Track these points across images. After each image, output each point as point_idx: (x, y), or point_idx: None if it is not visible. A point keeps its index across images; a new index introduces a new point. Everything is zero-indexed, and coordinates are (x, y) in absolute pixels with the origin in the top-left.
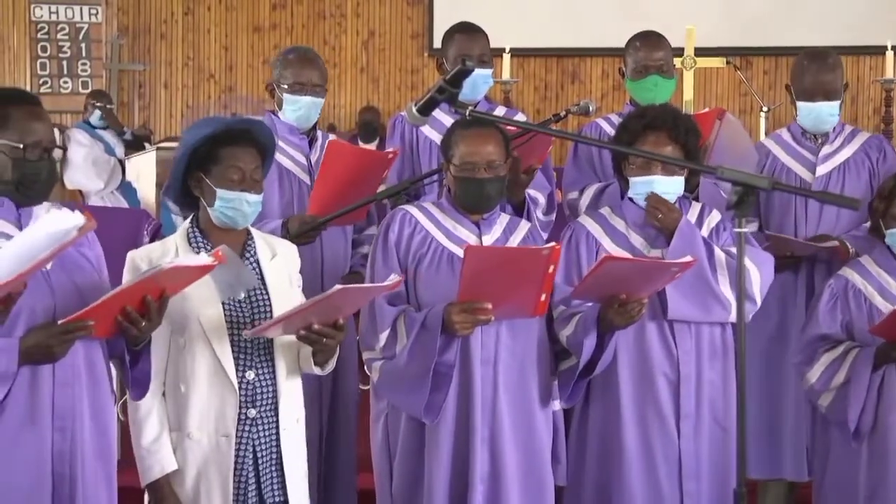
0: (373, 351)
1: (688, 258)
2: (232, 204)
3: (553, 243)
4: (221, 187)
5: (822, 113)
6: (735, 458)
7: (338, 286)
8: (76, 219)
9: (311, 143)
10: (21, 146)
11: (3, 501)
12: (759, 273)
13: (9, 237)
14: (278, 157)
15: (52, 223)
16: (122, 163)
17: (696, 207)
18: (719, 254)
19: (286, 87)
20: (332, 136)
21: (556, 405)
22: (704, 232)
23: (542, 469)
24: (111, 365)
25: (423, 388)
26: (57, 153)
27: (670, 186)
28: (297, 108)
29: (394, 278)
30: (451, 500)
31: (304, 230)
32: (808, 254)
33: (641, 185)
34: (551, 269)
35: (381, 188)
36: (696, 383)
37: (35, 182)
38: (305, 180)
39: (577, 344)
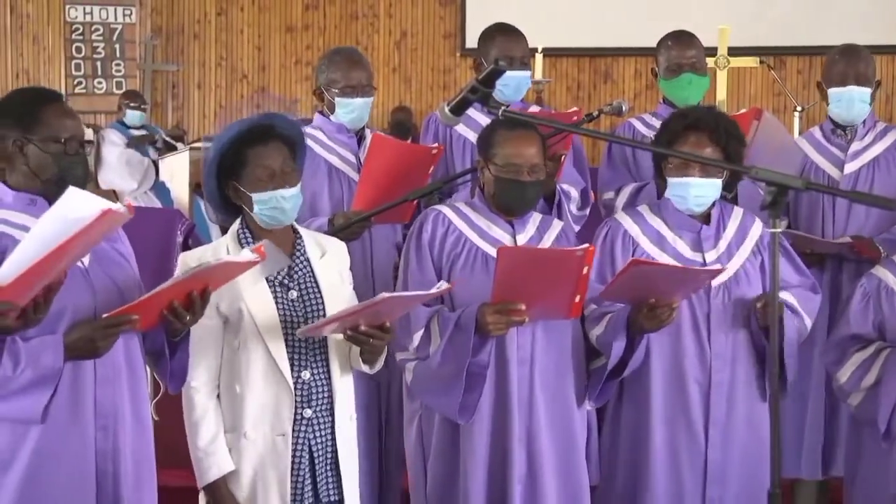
0: (406, 352)
1: (717, 266)
2: (269, 204)
3: (587, 244)
4: (255, 190)
5: (853, 97)
6: (763, 461)
7: (383, 294)
8: (96, 202)
9: (360, 141)
10: (61, 141)
11: (49, 499)
12: (808, 322)
13: None
14: (328, 155)
15: (64, 206)
16: (155, 163)
17: (737, 214)
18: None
19: (337, 90)
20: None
21: (589, 404)
22: (749, 244)
23: (579, 468)
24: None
25: (457, 388)
26: (88, 148)
27: (707, 189)
28: (350, 111)
29: (442, 285)
30: (488, 500)
31: (348, 225)
32: (830, 252)
33: (678, 187)
34: (585, 270)
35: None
36: (728, 390)
37: (73, 176)
38: (355, 178)
39: (606, 344)
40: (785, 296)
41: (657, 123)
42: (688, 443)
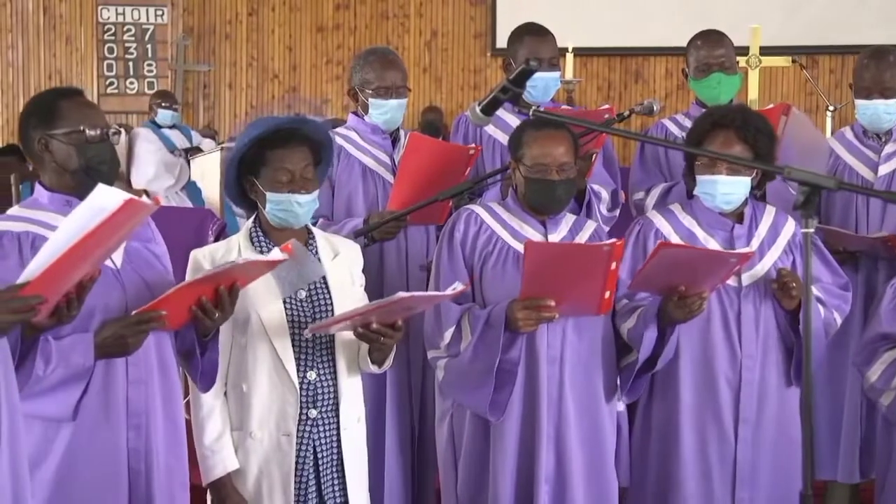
0: (437, 349)
1: (746, 249)
2: (282, 206)
3: (614, 239)
4: (270, 190)
5: (877, 111)
6: (795, 462)
7: (400, 294)
8: (118, 195)
9: (395, 142)
10: (81, 129)
11: (81, 498)
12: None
13: None
14: (362, 156)
15: (87, 200)
16: (187, 162)
17: (770, 213)
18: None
19: (371, 91)
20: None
21: (620, 405)
22: (781, 242)
23: (607, 468)
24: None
25: (488, 385)
26: (116, 137)
27: (735, 187)
28: (383, 112)
29: (457, 286)
30: (517, 500)
31: (383, 223)
32: (862, 248)
33: (706, 184)
34: (614, 265)
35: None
36: (758, 388)
37: (101, 163)
38: (389, 179)
39: (637, 337)
40: (812, 289)
41: (689, 124)
42: (718, 442)
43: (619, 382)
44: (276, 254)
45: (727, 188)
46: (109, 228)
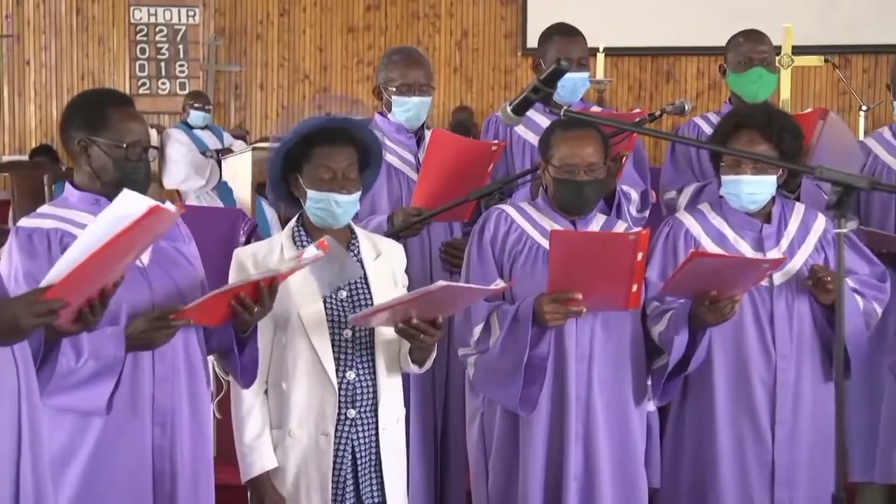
0: (467, 346)
1: (779, 255)
2: (321, 204)
3: (639, 228)
4: (311, 188)
5: None
6: (832, 462)
7: (441, 282)
8: (143, 201)
9: (419, 141)
10: (124, 146)
11: (106, 496)
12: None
13: None
14: (386, 155)
15: (112, 205)
16: (219, 163)
17: (799, 211)
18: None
19: (394, 89)
20: None
21: (651, 406)
22: (812, 239)
23: (636, 468)
24: (207, 361)
25: (517, 381)
26: (152, 153)
27: (760, 186)
28: (406, 109)
29: (499, 283)
30: (545, 497)
31: (407, 223)
32: None
33: (731, 185)
34: (640, 256)
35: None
36: (794, 389)
37: (133, 182)
38: (414, 178)
39: (668, 341)
40: (848, 281)
41: None
42: (755, 443)
43: (650, 385)
44: (311, 251)
45: (752, 188)
46: (134, 234)
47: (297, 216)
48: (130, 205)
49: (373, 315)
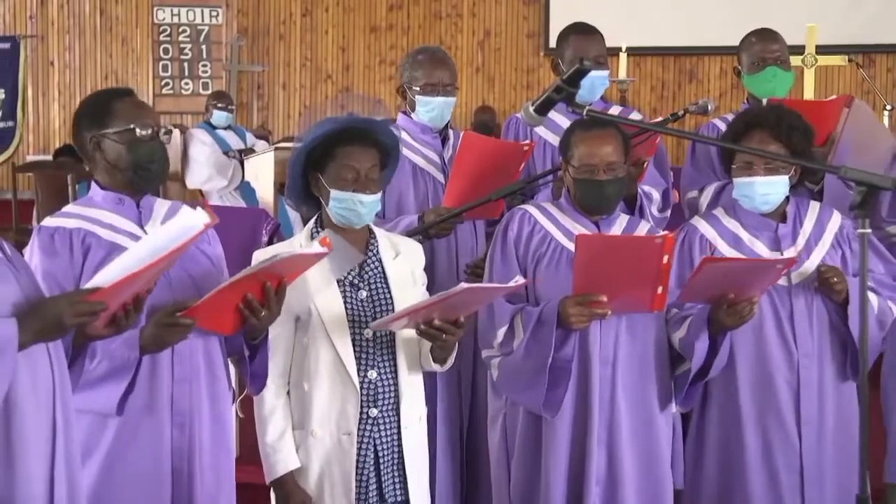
0: (491, 348)
1: (790, 254)
2: (345, 204)
3: (666, 232)
4: (335, 187)
5: None
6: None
7: (463, 285)
8: (202, 217)
9: (444, 141)
10: (131, 127)
11: (122, 495)
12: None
13: (132, 235)
14: (412, 155)
15: (179, 221)
16: (241, 162)
17: (814, 209)
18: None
19: (418, 88)
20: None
21: (674, 408)
22: (828, 237)
23: (662, 473)
24: (229, 362)
25: (541, 383)
26: (167, 137)
27: (773, 187)
28: (429, 109)
29: (518, 280)
30: (568, 500)
31: (438, 221)
32: None
33: (744, 187)
34: (666, 258)
35: None
36: (818, 388)
37: (151, 162)
38: (439, 178)
39: (689, 346)
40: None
41: None
42: (782, 443)
43: (673, 391)
44: (315, 247)
45: (765, 189)
46: (186, 248)
47: (316, 216)
48: (193, 220)
49: (394, 320)
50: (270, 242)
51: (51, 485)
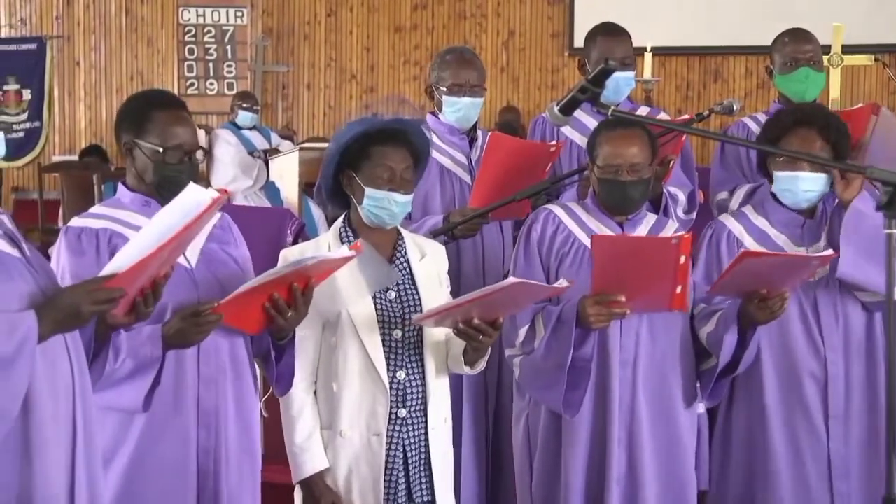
0: (513, 347)
1: (829, 252)
2: (380, 203)
3: (682, 232)
4: (370, 185)
5: None
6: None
7: (512, 279)
8: (208, 192)
9: (472, 142)
10: (161, 150)
11: (149, 494)
12: None
13: None
14: (439, 156)
15: (180, 197)
16: (266, 163)
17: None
18: None
19: (445, 88)
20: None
21: (700, 408)
22: None
23: (685, 473)
24: (255, 363)
25: (561, 382)
26: (200, 155)
27: (815, 184)
28: (456, 109)
29: (563, 282)
30: (587, 500)
31: (463, 221)
32: None
33: (787, 181)
34: (683, 259)
35: None
36: (844, 382)
37: (175, 185)
38: (466, 179)
39: (717, 342)
40: None
41: None
42: (809, 438)
43: (698, 387)
44: (344, 250)
45: (808, 185)
46: (196, 226)
47: (343, 216)
48: (197, 196)
49: (435, 315)
50: (295, 242)
51: (71, 486)
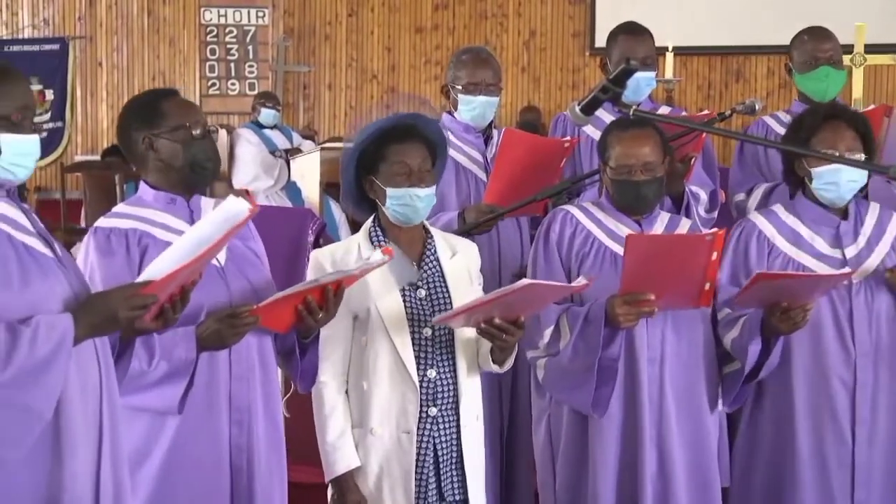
0: (537, 349)
1: (846, 269)
2: (402, 200)
3: (716, 229)
4: (390, 185)
5: None
6: None
7: (525, 280)
8: (245, 204)
9: (487, 140)
10: (186, 125)
11: (183, 493)
12: None
13: None
14: (455, 154)
15: (221, 209)
16: (287, 162)
17: (874, 209)
18: None
19: (460, 87)
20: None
21: (720, 405)
22: (889, 238)
23: (710, 470)
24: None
25: (589, 382)
26: (213, 136)
27: (858, 173)
28: (471, 108)
29: (581, 281)
30: (619, 500)
31: (480, 220)
32: None
33: (830, 174)
34: (714, 255)
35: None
36: (873, 388)
37: (206, 160)
38: (482, 177)
39: (741, 348)
40: None
41: None
42: (835, 443)
43: (720, 391)
44: (377, 256)
45: (851, 174)
46: (231, 236)
47: (373, 216)
48: (236, 207)
49: (455, 316)
50: (317, 242)
51: (97, 485)
